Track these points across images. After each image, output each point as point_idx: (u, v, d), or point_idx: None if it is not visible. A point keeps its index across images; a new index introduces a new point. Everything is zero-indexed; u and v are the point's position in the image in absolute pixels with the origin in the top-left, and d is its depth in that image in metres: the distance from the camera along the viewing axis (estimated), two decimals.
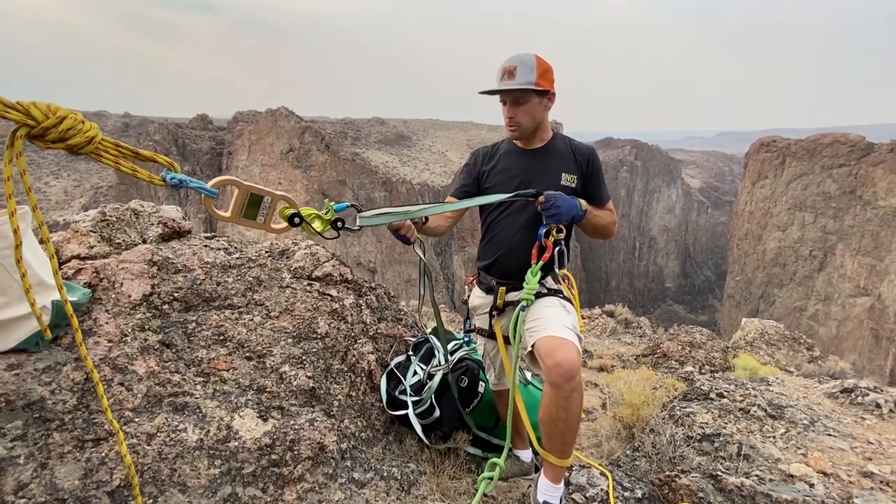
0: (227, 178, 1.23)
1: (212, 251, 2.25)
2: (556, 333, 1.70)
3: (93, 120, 0.95)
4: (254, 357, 1.94)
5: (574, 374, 1.61)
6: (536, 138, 2.01)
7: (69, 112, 0.93)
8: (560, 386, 1.61)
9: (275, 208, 1.34)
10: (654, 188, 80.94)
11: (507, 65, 1.84)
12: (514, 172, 1.99)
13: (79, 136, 0.94)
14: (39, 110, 0.88)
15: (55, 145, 0.91)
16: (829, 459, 2.06)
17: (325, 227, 1.41)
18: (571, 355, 1.63)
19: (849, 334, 37.46)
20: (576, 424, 1.70)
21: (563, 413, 1.64)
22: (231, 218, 1.26)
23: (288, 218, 1.35)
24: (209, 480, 1.56)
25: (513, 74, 1.82)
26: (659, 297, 78.62)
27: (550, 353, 1.64)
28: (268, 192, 1.29)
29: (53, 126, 0.90)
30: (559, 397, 1.62)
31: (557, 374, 1.61)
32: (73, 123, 0.92)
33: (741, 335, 8.25)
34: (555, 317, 1.79)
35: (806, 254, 43.03)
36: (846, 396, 2.83)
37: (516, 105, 1.88)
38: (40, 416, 1.44)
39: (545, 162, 1.98)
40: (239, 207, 1.26)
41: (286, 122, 52.85)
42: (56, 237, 2.02)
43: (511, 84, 1.83)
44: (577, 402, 1.64)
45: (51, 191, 53.03)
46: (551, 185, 1.92)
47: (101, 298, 1.80)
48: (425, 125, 79.89)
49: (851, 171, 39.72)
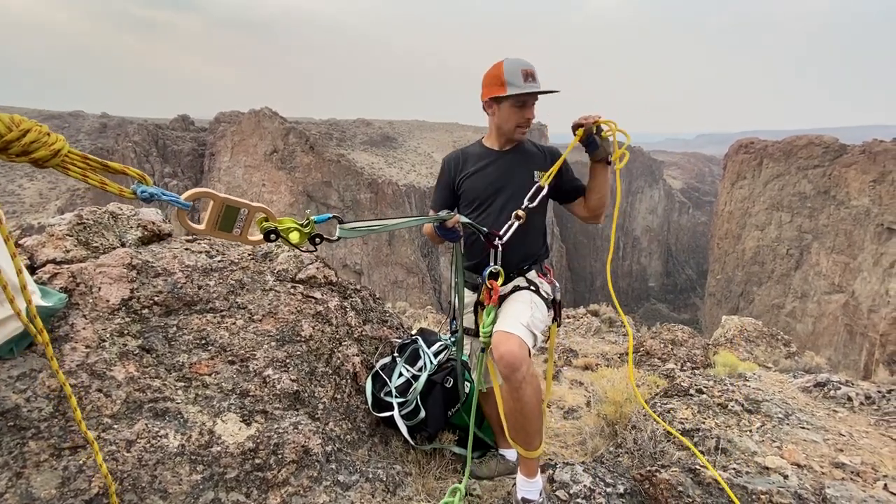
0: (202, 191, 1.20)
1: (193, 254, 2.23)
2: (504, 328, 1.77)
3: (69, 120, 0.92)
4: (237, 361, 1.92)
5: (517, 365, 1.67)
6: (511, 139, 2.07)
7: (34, 124, 0.89)
8: (508, 378, 1.70)
9: (251, 220, 1.31)
10: (637, 189, 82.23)
11: (527, 67, 1.91)
12: (489, 174, 2.05)
13: (43, 149, 0.91)
14: (2, 123, 0.86)
15: (19, 159, 0.88)
16: (802, 451, 2.13)
17: (303, 240, 1.39)
18: (513, 347, 1.70)
19: (824, 330, 38.54)
20: (532, 415, 1.76)
21: (518, 404, 1.72)
22: (206, 231, 1.23)
23: (264, 234, 1.32)
24: (191, 486, 1.54)
25: (535, 77, 1.91)
26: (642, 295, 79.82)
27: (496, 346, 1.74)
28: (244, 204, 1.27)
29: (16, 139, 0.87)
30: (511, 388, 1.71)
31: (502, 365, 1.70)
32: (38, 136, 0.89)
33: (721, 332, 8.43)
34: (513, 312, 1.86)
35: (783, 252, 44.17)
36: (819, 390, 2.92)
37: (533, 106, 1.98)
38: (15, 425, 1.41)
39: (518, 162, 2.05)
40: (214, 220, 1.23)
41: (270, 122, 52.23)
42: (30, 241, 1.97)
43: (542, 87, 1.92)
44: (528, 392, 1.71)
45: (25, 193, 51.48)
46: (525, 184, 1.99)
47: (78, 303, 1.76)
48: (411, 126, 79.78)
49: (826, 171, 40.90)
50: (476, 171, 2.07)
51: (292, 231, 1.36)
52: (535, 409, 1.76)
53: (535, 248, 2.09)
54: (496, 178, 2.03)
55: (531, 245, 2.07)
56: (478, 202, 2.05)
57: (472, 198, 2.07)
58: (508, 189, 2.01)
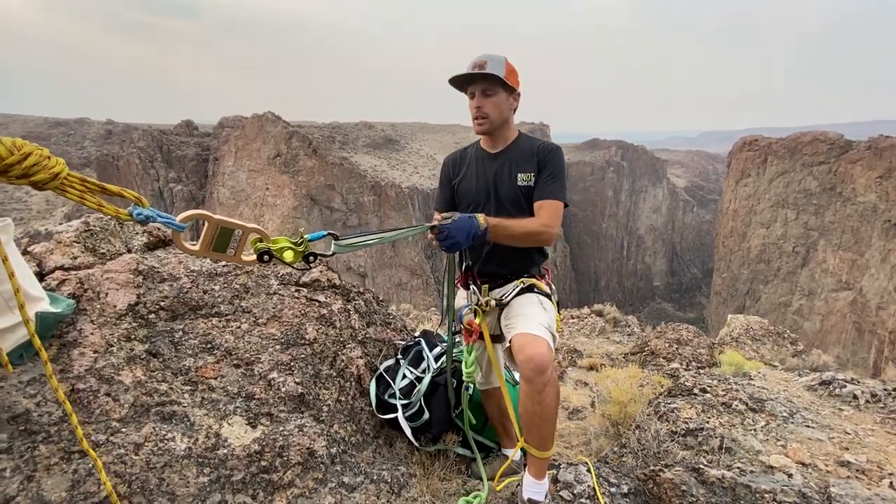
0: (197, 213, 1.22)
1: (198, 259, 2.25)
2: (529, 330, 1.76)
3: (74, 127, 0.94)
4: (242, 364, 1.95)
5: (544, 368, 1.67)
6: (500, 139, 2.03)
7: (35, 148, 0.91)
8: (532, 380, 1.68)
9: (245, 240, 1.33)
10: (641, 188, 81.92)
11: (478, 59, 1.88)
12: (478, 177, 2.05)
13: (43, 172, 0.92)
14: (4, 146, 0.87)
15: (19, 181, 0.90)
16: (807, 450, 2.13)
17: (297, 258, 1.41)
18: (542, 350, 1.69)
19: (832, 328, 38.23)
20: (551, 418, 1.76)
21: (538, 406, 1.71)
22: (201, 252, 1.25)
23: (258, 255, 1.34)
24: (198, 489, 1.56)
25: (483, 67, 1.86)
26: (647, 295, 79.47)
27: (522, 349, 1.71)
28: (238, 225, 1.29)
29: (17, 163, 0.89)
30: (533, 391, 1.69)
31: (529, 368, 1.68)
32: (39, 160, 0.91)
33: (727, 331, 8.40)
34: (530, 314, 1.85)
35: (789, 250, 43.87)
36: (825, 388, 2.91)
37: (485, 96, 1.91)
38: (26, 429, 1.44)
39: (504, 165, 2.00)
40: (209, 241, 1.25)
41: (273, 127, 52.50)
42: (38, 248, 2.01)
43: (482, 71, 1.86)
44: (550, 396, 1.71)
45: (32, 200, 52.00)
46: (509, 188, 1.96)
47: (85, 309, 1.79)
48: (413, 128, 79.96)
49: (831, 168, 40.63)
50: (467, 174, 2.08)
51: (286, 250, 1.37)
52: (554, 412, 1.76)
53: (531, 254, 2.05)
54: (484, 181, 2.02)
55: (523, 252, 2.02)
56: (472, 205, 2.04)
57: (466, 202, 2.07)
58: (494, 192, 1.99)
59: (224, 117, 58.68)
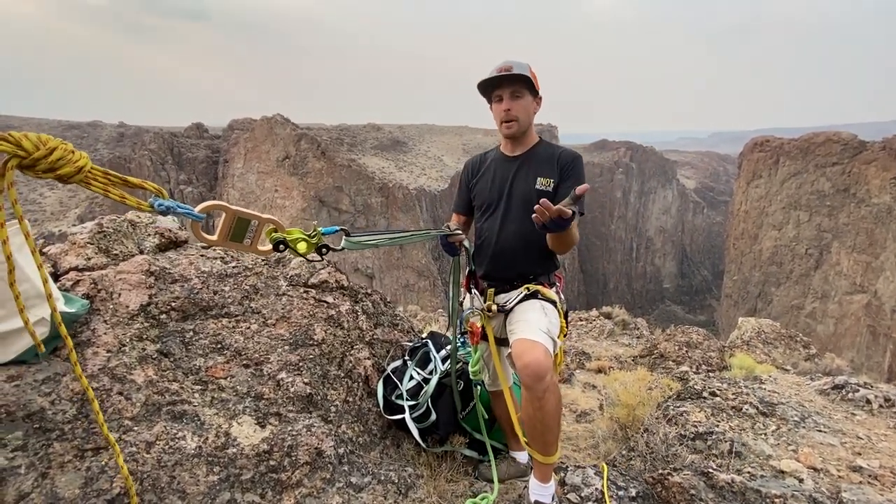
0: (215, 204, 1.25)
1: (208, 260, 2.28)
2: (528, 336, 1.75)
3: (87, 130, 0.96)
4: (251, 364, 1.97)
5: (542, 375, 1.65)
6: (522, 143, 2.05)
7: (59, 143, 0.94)
8: (531, 387, 1.66)
9: (261, 230, 1.36)
10: (650, 189, 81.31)
11: (503, 64, 1.90)
12: (494, 178, 2.06)
13: (68, 166, 0.95)
14: (30, 141, 0.90)
15: (45, 175, 0.93)
16: (819, 455, 2.10)
17: (310, 249, 1.44)
18: (539, 356, 1.67)
19: (846, 331, 37.58)
20: (553, 423, 1.75)
21: (539, 413, 1.70)
22: (218, 242, 1.28)
23: (274, 244, 1.37)
24: (208, 487, 1.58)
25: (510, 70, 1.89)
26: (657, 297, 78.77)
27: (520, 356, 1.70)
28: (254, 216, 1.32)
29: (44, 157, 0.91)
30: (533, 398, 1.68)
31: (526, 374, 1.66)
32: (63, 154, 0.94)
33: (738, 334, 8.29)
34: (531, 319, 1.84)
35: (802, 252, 43.23)
36: (837, 393, 2.87)
37: (513, 99, 1.93)
38: (40, 427, 1.46)
39: (524, 168, 2.01)
40: (226, 231, 1.28)
41: (282, 129, 52.91)
42: (54, 249, 2.05)
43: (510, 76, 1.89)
44: (550, 402, 1.69)
45: (45, 202, 52.87)
46: (526, 190, 1.96)
47: (99, 309, 1.82)
48: (421, 130, 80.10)
49: (844, 169, 39.99)
50: (484, 175, 2.10)
51: (300, 241, 1.41)
52: (556, 418, 1.75)
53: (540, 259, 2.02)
54: (501, 184, 2.03)
55: (532, 255, 2.00)
56: (485, 207, 2.07)
57: (480, 202, 2.10)
58: (511, 196, 2.00)
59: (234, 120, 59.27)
